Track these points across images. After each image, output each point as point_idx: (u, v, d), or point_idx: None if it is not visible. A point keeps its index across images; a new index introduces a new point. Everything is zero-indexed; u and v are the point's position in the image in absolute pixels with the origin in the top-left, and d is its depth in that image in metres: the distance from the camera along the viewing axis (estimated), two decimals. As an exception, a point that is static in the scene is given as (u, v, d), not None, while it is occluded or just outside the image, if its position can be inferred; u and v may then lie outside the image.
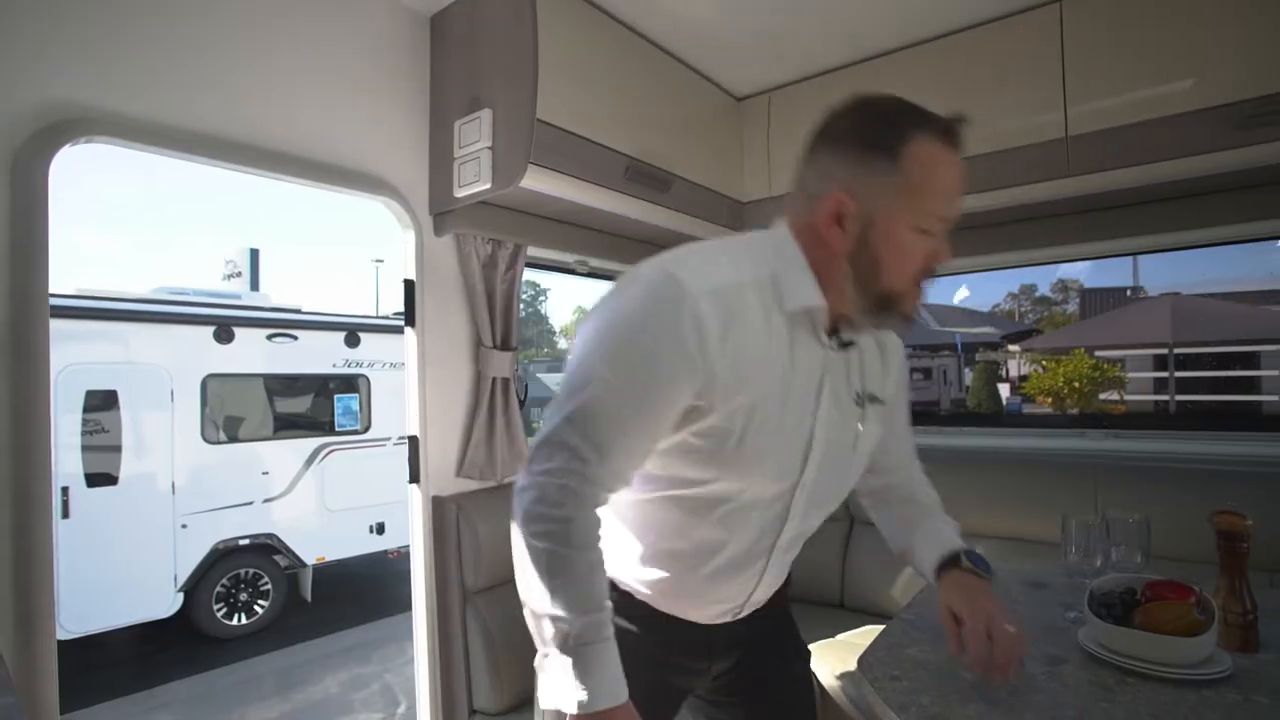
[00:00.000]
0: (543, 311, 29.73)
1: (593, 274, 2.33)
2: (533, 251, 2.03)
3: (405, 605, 1.71)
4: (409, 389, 1.65)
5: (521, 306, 1.85)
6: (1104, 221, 1.94)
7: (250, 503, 5.26)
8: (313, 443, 5.70)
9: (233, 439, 5.24)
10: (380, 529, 5.95)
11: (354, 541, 5.87)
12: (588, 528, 0.84)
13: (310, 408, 5.83)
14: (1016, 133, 1.78)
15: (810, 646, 1.91)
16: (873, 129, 0.87)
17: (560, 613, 0.80)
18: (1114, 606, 1.10)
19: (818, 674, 1.81)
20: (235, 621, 5.26)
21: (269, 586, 5.46)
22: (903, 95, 0.91)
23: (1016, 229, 2.06)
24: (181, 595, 4.89)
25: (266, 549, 5.42)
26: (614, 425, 0.83)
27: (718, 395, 0.85)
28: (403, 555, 5.83)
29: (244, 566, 5.33)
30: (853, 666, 1.78)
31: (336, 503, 5.76)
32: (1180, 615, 1.02)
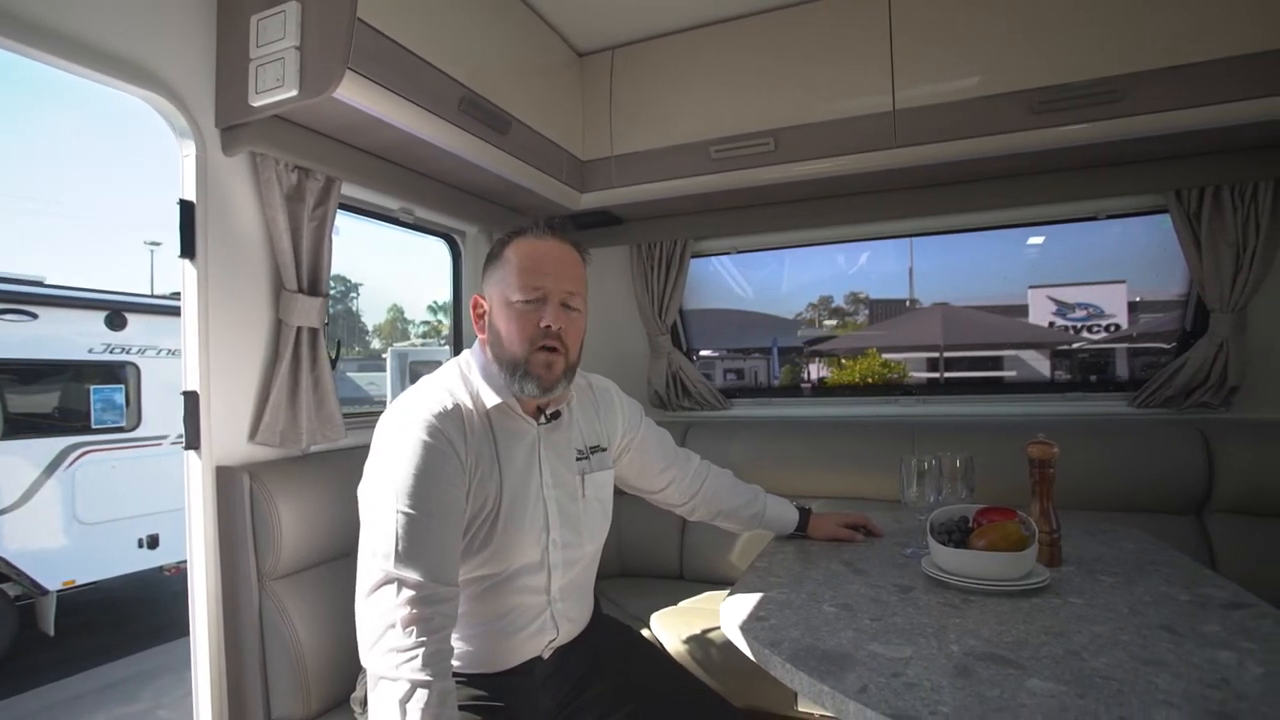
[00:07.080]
0: (355, 309, 27.42)
1: (419, 226, 2.08)
2: (352, 192, 1.77)
3: (187, 626, 1.37)
4: (185, 333, 1.32)
5: (330, 304, 1.59)
6: (925, 198, 2.11)
7: (-38, 520, 4.19)
8: (58, 444, 4.63)
9: (-62, 440, 4.15)
10: (153, 542, 5.02)
11: (116, 559, 4.87)
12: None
13: (57, 402, 4.77)
14: (849, 105, 1.86)
15: (653, 616, 1.88)
16: (495, 246, 1.15)
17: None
18: (953, 533, 1.16)
19: (662, 640, 1.75)
20: (-63, 671, 4.16)
21: (-11, 622, 4.38)
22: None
23: (849, 201, 2.18)
24: None
25: (-13, 575, 4.35)
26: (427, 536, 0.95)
27: (474, 482, 1.04)
28: (184, 570, 4.98)
29: (-49, 600, 4.23)
30: (696, 630, 1.77)
31: (92, 515, 4.75)
32: (1010, 532, 1.09)
